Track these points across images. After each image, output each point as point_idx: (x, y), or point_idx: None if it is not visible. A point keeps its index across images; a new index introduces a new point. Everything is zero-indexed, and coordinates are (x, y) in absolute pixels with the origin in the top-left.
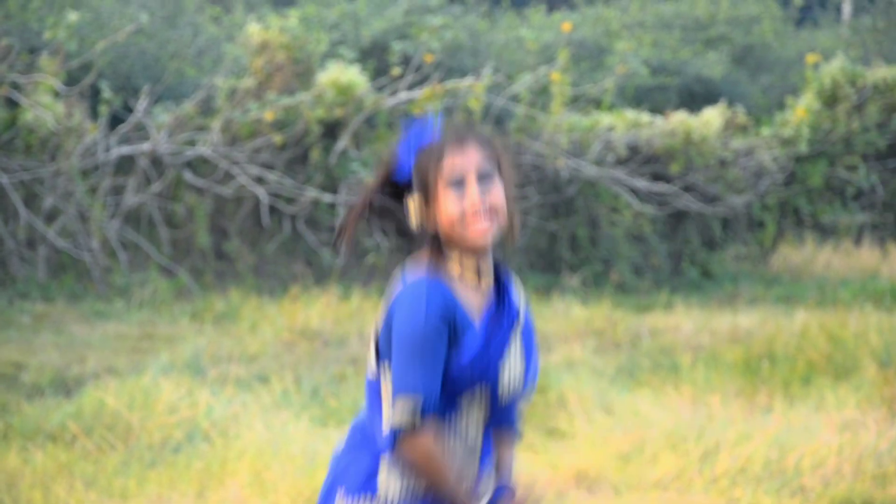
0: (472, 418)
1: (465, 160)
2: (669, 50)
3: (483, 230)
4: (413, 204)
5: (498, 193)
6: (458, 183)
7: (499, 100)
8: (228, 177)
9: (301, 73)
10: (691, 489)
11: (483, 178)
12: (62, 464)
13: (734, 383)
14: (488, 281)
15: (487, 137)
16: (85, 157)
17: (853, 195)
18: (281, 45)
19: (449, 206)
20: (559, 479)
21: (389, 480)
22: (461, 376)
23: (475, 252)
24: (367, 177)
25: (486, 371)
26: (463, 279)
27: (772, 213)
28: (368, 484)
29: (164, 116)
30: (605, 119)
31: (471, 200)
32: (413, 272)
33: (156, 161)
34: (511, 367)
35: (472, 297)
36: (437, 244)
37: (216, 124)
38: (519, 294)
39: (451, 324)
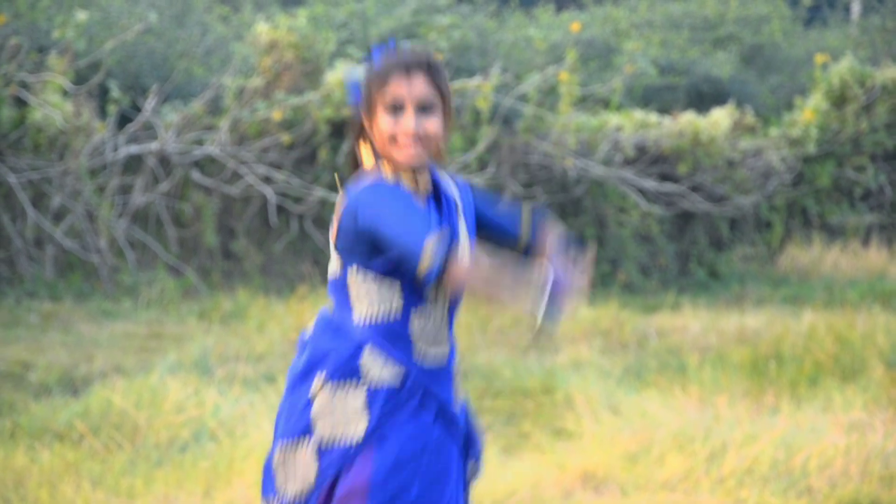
0: (438, 302)
1: (408, 88)
2: (678, 49)
3: (410, 155)
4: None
5: (434, 124)
6: (397, 108)
7: (507, 99)
8: (236, 176)
9: (309, 72)
10: (698, 490)
11: (422, 107)
12: (69, 463)
13: (741, 384)
14: (425, 186)
15: (437, 67)
16: (93, 157)
17: (861, 196)
18: (289, 45)
19: (383, 126)
20: (566, 479)
21: (373, 366)
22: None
23: (403, 170)
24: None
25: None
26: (404, 181)
27: (779, 214)
28: (351, 369)
29: (172, 116)
30: (613, 119)
31: (403, 127)
32: (361, 180)
33: (164, 160)
34: (462, 249)
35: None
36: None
37: (224, 124)
38: (454, 188)
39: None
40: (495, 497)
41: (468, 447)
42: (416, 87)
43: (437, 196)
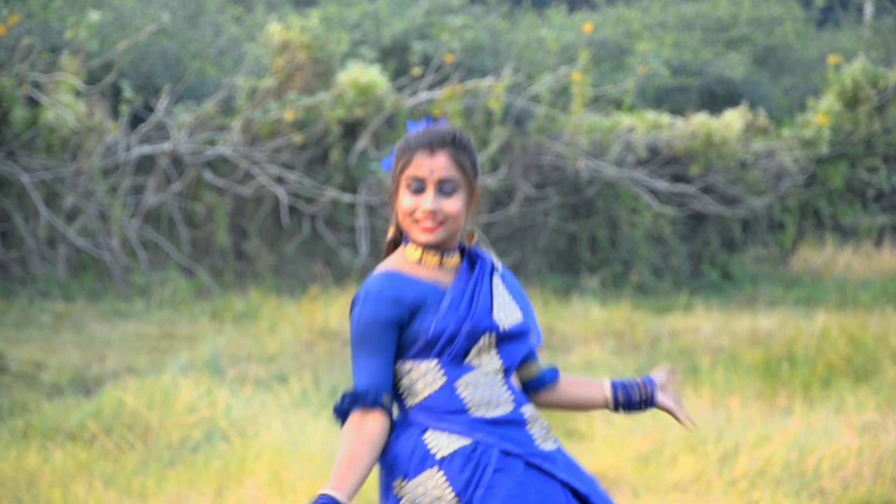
0: (486, 370)
1: (430, 166)
2: (690, 51)
3: (427, 231)
4: None
5: (454, 205)
6: (418, 186)
7: (519, 100)
8: (248, 176)
9: (321, 72)
10: (710, 491)
11: (443, 187)
12: (82, 463)
13: (754, 385)
14: (452, 261)
15: (462, 144)
16: (105, 157)
17: (874, 197)
18: (301, 45)
19: (404, 204)
20: None
21: (439, 442)
22: (445, 330)
23: (421, 246)
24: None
25: (475, 316)
26: (424, 261)
27: (792, 215)
28: (421, 457)
29: (184, 116)
30: (625, 120)
31: (423, 206)
32: (379, 267)
33: (176, 160)
34: (501, 306)
35: (437, 274)
36: (405, 237)
37: (236, 124)
38: (492, 263)
39: (404, 303)
40: None
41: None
42: (438, 168)
43: (473, 261)
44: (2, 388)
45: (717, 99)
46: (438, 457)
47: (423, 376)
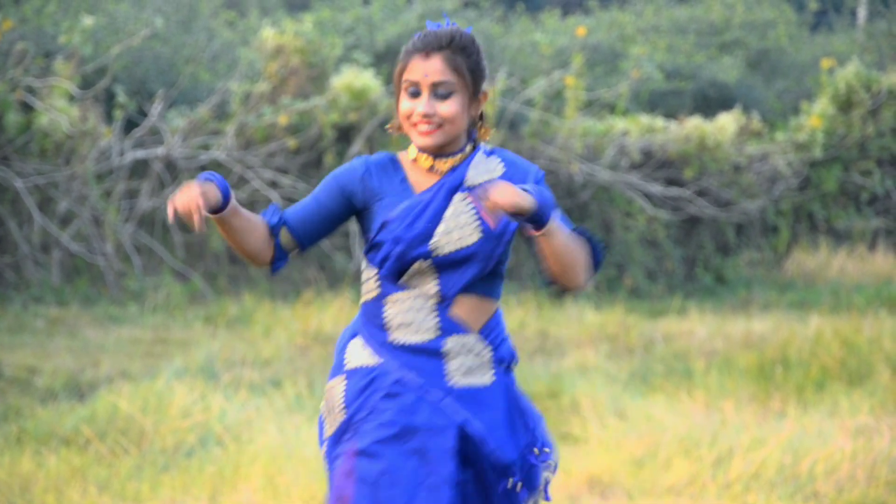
0: (418, 293)
1: (424, 70)
2: (684, 54)
3: (423, 135)
4: None
5: (450, 107)
6: (414, 91)
7: (513, 104)
8: (242, 181)
9: (315, 77)
10: (705, 495)
11: (438, 90)
12: (76, 468)
13: (748, 389)
14: (447, 164)
15: (460, 46)
16: (99, 161)
17: (868, 200)
18: (295, 50)
19: (402, 108)
20: (572, 484)
21: (353, 353)
22: (383, 243)
23: (420, 149)
24: None
25: (410, 239)
26: (417, 161)
27: (786, 219)
28: (339, 363)
29: (178, 121)
30: (619, 124)
31: (417, 109)
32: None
33: (170, 165)
34: (448, 230)
35: (423, 176)
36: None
37: (230, 128)
38: (491, 164)
39: (366, 183)
40: None
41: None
42: (432, 72)
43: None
44: None
45: (710, 103)
46: (346, 367)
47: (366, 281)
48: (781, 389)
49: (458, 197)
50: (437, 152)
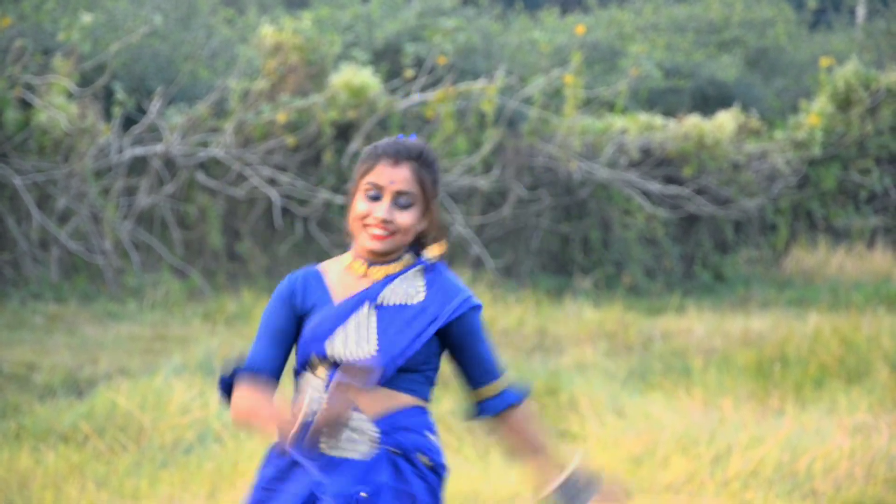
0: (318, 381)
1: (391, 176)
2: (683, 53)
3: (375, 238)
4: None
5: (407, 218)
6: (375, 193)
7: (512, 102)
8: (241, 178)
9: (314, 74)
10: (703, 492)
11: (400, 199)
12: (74, 464)
13: (746, 386)
14: (381, 273)
15: (429, 162)
16: (98, 159)
17: (866, 198)
18: (294, 47)
19: (358, 208)
20: None
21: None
22: (303, 335)
23: (366, 252)
24: None
25: (314, 338)
26: (351, 268)
27: (784, 217)
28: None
29: (177, 118)
30: (617, 122)
31: (375, 213)
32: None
33: (169, 162)
34: (346, 337)
35: (351, 284)
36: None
37: (229, 126)
38: (412, 290)
39: (298, 304)
40: (499, 499)
41: None
42: (398, 180)
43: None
44: None
45: (709, 101)
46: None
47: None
48: (780, 387)
49: (365, 308)
50: (375, 260)
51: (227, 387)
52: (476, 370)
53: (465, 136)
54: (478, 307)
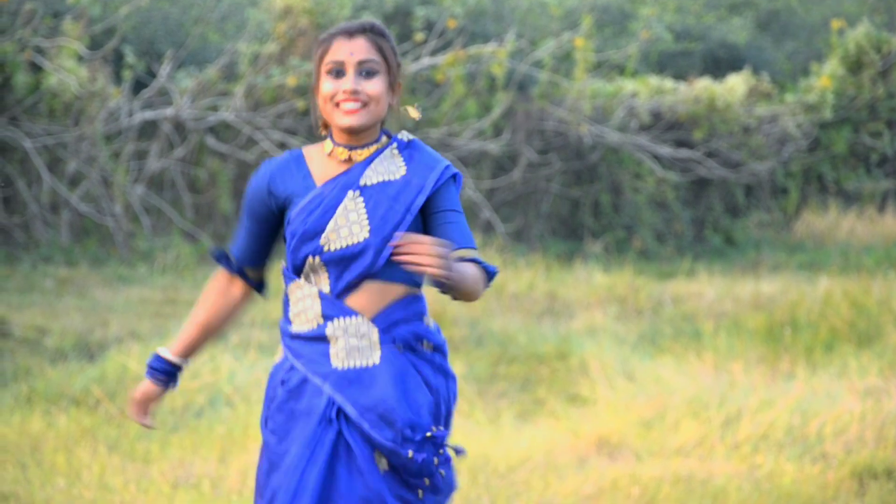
0: (312, 285)
1: (349, 50)
2: (693, 15)
3: (349, 113)
4: None
5: (376, 86)
6: (338, 71)
7: (522, 66)
8: (251, 142)
9: None
10: (713, 456)
11: (363, 70)
12: (85, 428)
13: (756, 350)
14: (363, 155)
15: (381, 32)
16: (108, 122)
17: (877, 162)
18: (304, 10)
19: (325, 89)
20: (580, 445)
21: (279, 349)
22: (290, 230)
23: (344, 131)
24: None
25: (303, 234)
26: (333, 154)
27: (795, 180)
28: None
29: (187, 81)
30: (628, 85)
31: (343, 87)
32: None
33: (179, 126)
34: (338, 227)
35: (333, 169)
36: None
37: (239, 90)
38: (393, 166)
39: (274, 193)
40: (510, 462)
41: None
42: (357, 50)
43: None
44: (5, 353)
45: (720, 64)
46: (273, 365)
47: (283, 275)
48: (790, 351)
49: (350, 194)
50: (354, 143)
51: (221, 258)
52: (455, 236)
53: (475, 100)
54: (458, 175)
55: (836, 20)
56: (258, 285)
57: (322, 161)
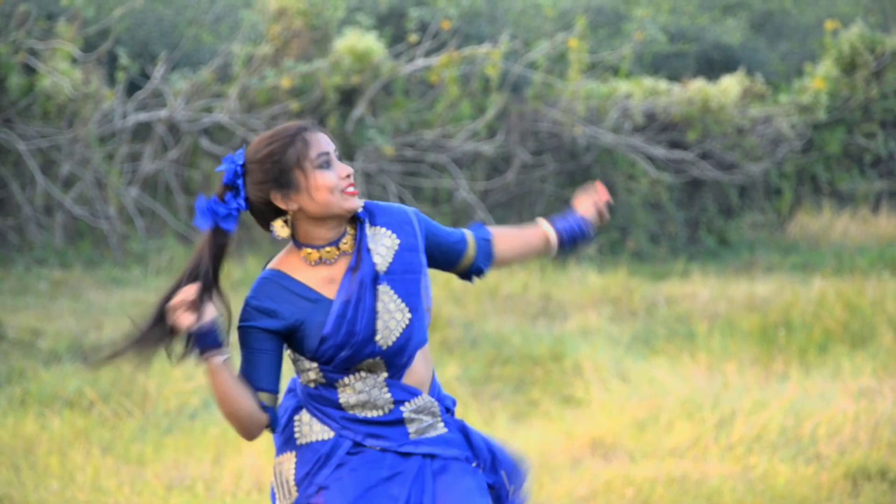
0: (369, 378)
1: (324, 141)
2: (687, 16)
3: (354, 195)
4: (277, 223)
5: (348, 167)
6: (327, 162)
7: (516, 67)
8: (245, 143)
9: (318, 39)
10: (707, 457)
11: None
12: (79, 430)
13: (750, 351)
14: (348, 243)
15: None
16: (102, 124)
17: (871, 162)
18: (298, 12)
19: (326, 181)
20: (574, 446)
21: (305, 427)
22: (325, 354)
23: (348, 216)
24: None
25: (356, 343)
26: (323, 257)
27: (789, 181)
28: (287, 437)
29: (180, 83)
30: (622, 86)
31: (344, 172)
32: (270, 263)
33: (173, 128)
34: (385, 324)
35: (329, 272)
36: (296, 243)
37: (233, 91)
38: (386, 240)
39: (282, 317)
40: None
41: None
42: (326, 139)
43: (360, 254)
44: None
45: (714, 65)
46: (298, 443)
47: (306, 371)
48: (784, 352)
49: (382, 288)
50: (333, 237)
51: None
52: (451, 254)
53: (469, 101)
54: (418, 211)
55: (829, 21)
56: (273, 417)
57: (306, 269)
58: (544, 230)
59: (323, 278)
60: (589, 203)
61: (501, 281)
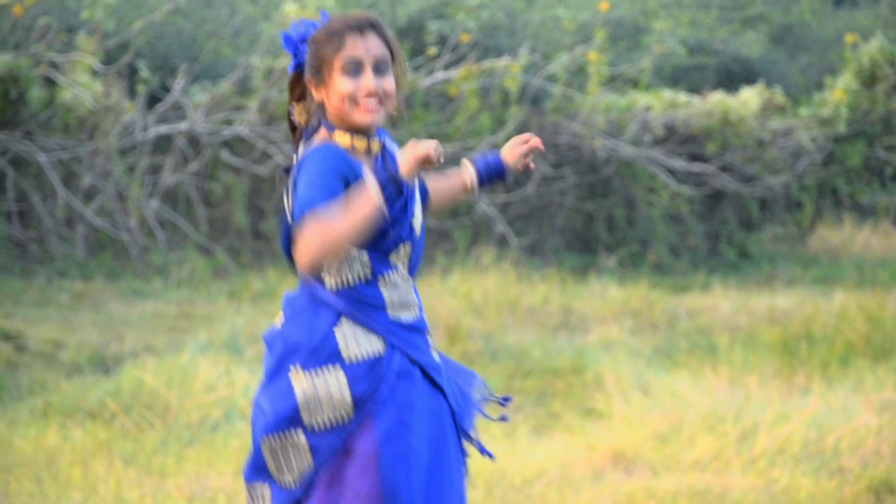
0: (402, 271)
1: (365, 48)
2: (707, 29)
3: (370, 112)
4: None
5: (391, 83)
6: (355, 68)
7: (535, 80)
8: (265, 156)
9: None
10: (729, 470)
11: (379, 66)
12: (101, 442)
13: (772, 364)
14: (377, 145)
15: (383, 26)
16: (122, 137)
17: (892, 175)
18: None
19: (342, 87)
20: (596, 459)
21: (350, 343)
22: (385, 231)
23: (362, 131)
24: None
25: (404, 221)
26: (354, 147)
27: (810, 194)
28: (327, 354)
29: (201, 96)
30: (642, 99)
31: (365, 85)
32: (311, 146)
33: (193, 140)
34: (415, 213)
35: (363, 160)
36: (328, 125)
37: (253, 104)
38: (397, 149)
39: (348, 179)
40: (525, 476)
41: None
42: (373, 47)
43: (385, 158)
44: (21, 367)
45: (733, 78)
46: (346, 360)
47: (351, 262)
48: (806, 365)
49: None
50: (367, 133)
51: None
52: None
53: (488, 114)
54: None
55: (849, 34)
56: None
57: (352, 154)
58: (462, 174)
59: (362, 161)
60: (514, 147)
61: (522, 294)
